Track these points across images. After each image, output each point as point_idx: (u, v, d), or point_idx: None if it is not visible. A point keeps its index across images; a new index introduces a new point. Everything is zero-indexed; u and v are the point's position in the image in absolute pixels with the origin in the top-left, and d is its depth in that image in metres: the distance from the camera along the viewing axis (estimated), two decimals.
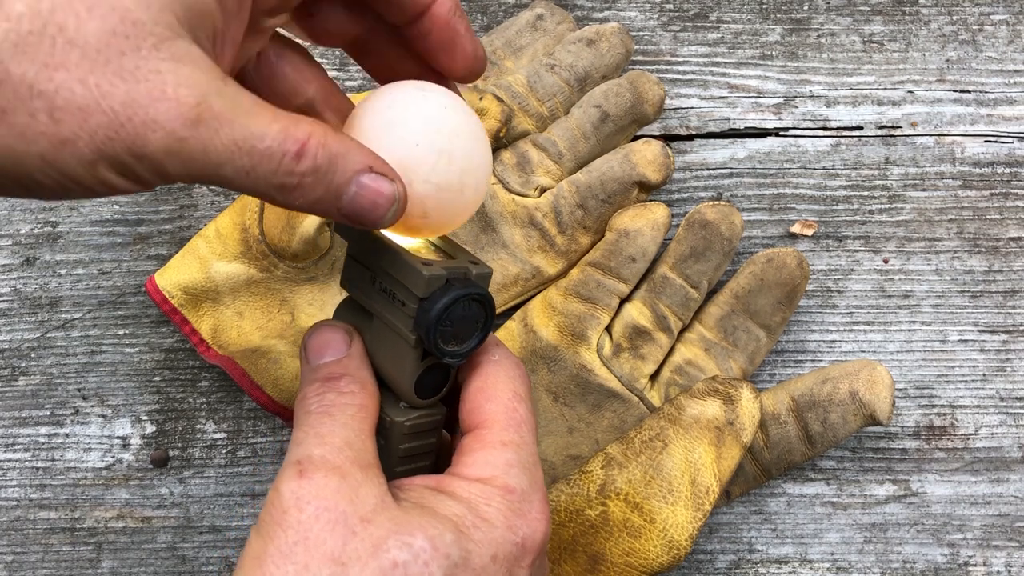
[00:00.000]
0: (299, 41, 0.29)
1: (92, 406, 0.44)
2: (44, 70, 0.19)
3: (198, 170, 0.21)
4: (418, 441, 0.30)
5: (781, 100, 0.46)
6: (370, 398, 0.28)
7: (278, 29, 0.28)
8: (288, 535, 0.24)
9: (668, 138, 0.45)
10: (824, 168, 0.45)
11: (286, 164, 0.22)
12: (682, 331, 0.41)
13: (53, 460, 0.43)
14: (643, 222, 0.40)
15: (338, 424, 0.27)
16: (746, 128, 0.45)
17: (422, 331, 0.27)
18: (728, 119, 0.46)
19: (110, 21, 0.20)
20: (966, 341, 0.44)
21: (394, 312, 0.28)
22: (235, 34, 0.23)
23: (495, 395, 0.29)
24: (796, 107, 0.46)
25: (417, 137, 0.26)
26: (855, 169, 0.45)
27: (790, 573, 0.42)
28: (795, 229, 0.44)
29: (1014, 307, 0.44)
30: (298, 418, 0.27)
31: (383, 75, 0.30)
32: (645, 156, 0.41)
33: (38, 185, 0.21)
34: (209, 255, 0.41)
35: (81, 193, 0.22)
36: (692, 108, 0.46)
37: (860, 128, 0.45)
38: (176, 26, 0.21)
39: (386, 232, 0.28)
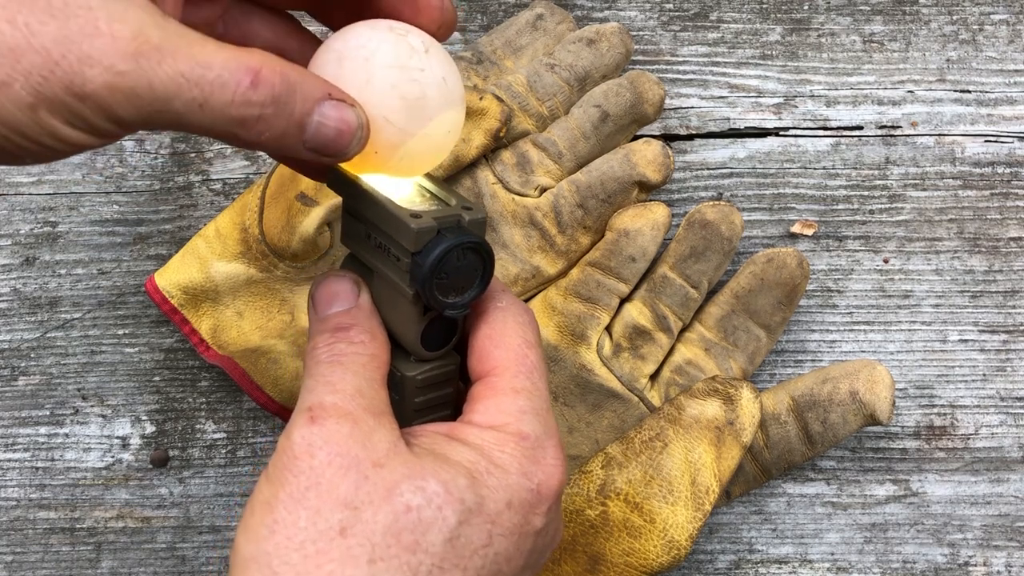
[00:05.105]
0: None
1: (92, 406, 0.44)
2: None
3: (147, 107, 0.20)
4: (433, 393, 0.30)
5: (781, 100, 0.46)
6: (381, 348, 0.28)
7: None
8: (300, 480, 0.24)
9: (668, 138, 0.45)
10: (824, 168, 0.45)
11: (242, 93, 0.21)
12: (682, 331, 0.41)
13: (53, 460, 0.43)
14: (643, 222, 0.40)
15: (349, 372, 0.26)
16: (746, 128, 0.45)
17: (418, 285, 0.26)
18: (728, 119, 0.46)
19: None
20: (966, 341, 0.44)
21: (390, 267, 0.27)
22: None
23: (504, 341, 0.28)
24: (796, 107, 0.46)
25: (374, 68, 0.25)
26: (855, 169, 0.45)
27: (790, 573, 0.42)
28: (795, 229, 0.44)
29: (1014, 307, 0.44)
30: (308, 368, 0.27)
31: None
32: (645, 156, 0.41)
33: None
34: (209, 255, 0.41)
35: (38, 151, 0.21)
36: (692, 108, 0.46)
37: (860, 128, 0.45)
38: None
39: (372, 179, 0.27)
